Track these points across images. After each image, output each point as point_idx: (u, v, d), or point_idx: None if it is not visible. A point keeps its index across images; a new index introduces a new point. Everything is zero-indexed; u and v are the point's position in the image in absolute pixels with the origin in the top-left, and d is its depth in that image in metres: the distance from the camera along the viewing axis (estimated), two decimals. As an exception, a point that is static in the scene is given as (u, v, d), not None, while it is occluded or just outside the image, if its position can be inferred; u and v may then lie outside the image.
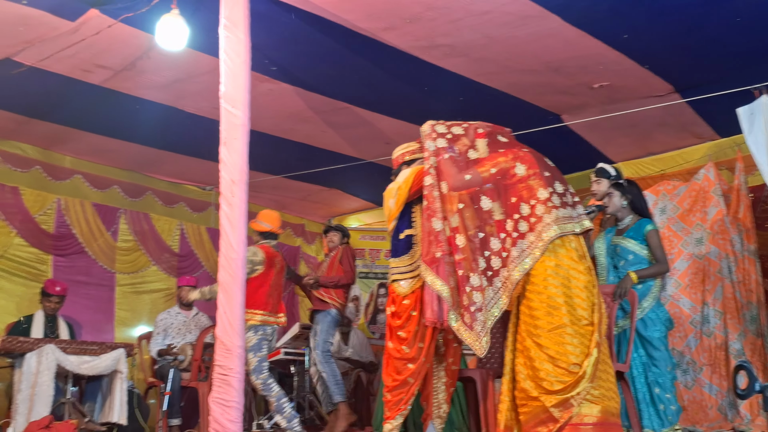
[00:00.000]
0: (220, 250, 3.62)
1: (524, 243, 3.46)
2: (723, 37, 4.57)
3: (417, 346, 3.82)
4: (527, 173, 3.56)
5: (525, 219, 3.49)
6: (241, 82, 3.73)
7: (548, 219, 3.45)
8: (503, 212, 3.56)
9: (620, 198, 4.42)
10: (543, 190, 3.51)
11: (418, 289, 3.88)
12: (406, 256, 3.91)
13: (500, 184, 3.59)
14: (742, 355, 5.34)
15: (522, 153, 3.67)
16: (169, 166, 6.98)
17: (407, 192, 3.88)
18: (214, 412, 3.45)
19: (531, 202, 3.50)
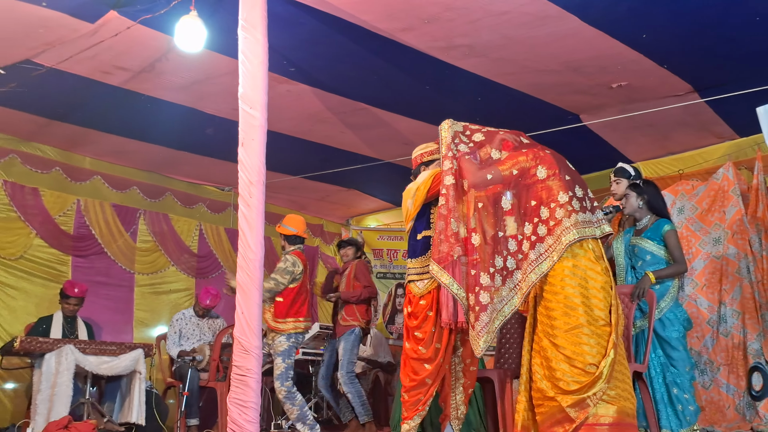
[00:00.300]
0: (239, 251, 3.64)
1: (542, 246, 3.43)
2: (741, 36, 4.52)
3: (434, 346, 3.81)
4: (547, 174, 3.53)
5: (544, 222, 3.46)
6: (259, 83, 3.74)
7: (567, 223, 3.41)
8: (522, 214, 3.54)
9: (636, 198, 4.39)
10: (563, 194, 3.47)
11: (434, 289, 3.87)
12: (423, 257, 3.89)
13: (520, 184, 3.56)
14: (760, 355, 5.28)
15: (543, 154, 3.64)
16: (188, 167, 7.03)
17: (425, 193, 3.87)
18: (232, 412, 3.46)
19: (551, 205, 3.47)
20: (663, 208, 4.44)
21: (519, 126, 5.96)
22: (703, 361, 5.54)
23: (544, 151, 3.69)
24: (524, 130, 6.00)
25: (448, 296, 3.80)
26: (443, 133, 3.82)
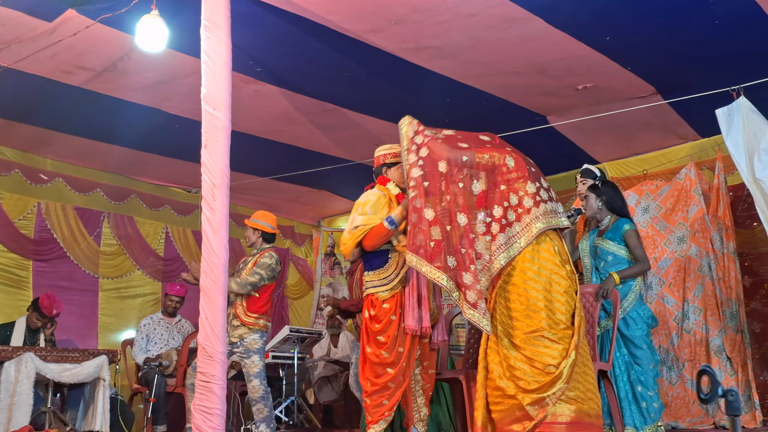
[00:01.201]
0: (202, 255, 3.57)
1: (511, 231, 3.46)
2: (702, 39, 4.60)
3: (396, 350, 3.80)
4: (515, 165, 3.58)
5: (513, 209, 3.50)
6: (222, 83, 3.67)
7: (536, 212, 3.47)
8: (491, 197, 3.55)
9: (595, 200, 4.45)
10: (531, 184, 3.54)
11: (398, 293, 3.87)
12: (381, 269, 3.92)
13: (490, 170, 3.58)
14: (722, 351, 5.40)
15: (508, 150, 3.69)
16: (153, 169, 6.92)
17: (354, 243, 3.93)
18: (197, 419, 3.40)
19: (519, 193, 3.51)
20: (623, 207, 4.49)
21: (488, 127, 6.01)
22: (671, 358, 5.64)
23: (507, 148, 3.74)
24: (493, 132, 6.05)
25: (413, 301, 3.81)
26: (403, 129, 3.83)
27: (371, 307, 3.91)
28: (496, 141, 3.86)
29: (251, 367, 4.79)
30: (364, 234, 3.90)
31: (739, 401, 1.41)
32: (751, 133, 4.47)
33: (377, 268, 3.96)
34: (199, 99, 3.74)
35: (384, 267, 3.95)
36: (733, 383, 5.33)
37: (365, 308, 3.95)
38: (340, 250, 4.12)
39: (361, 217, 3.96)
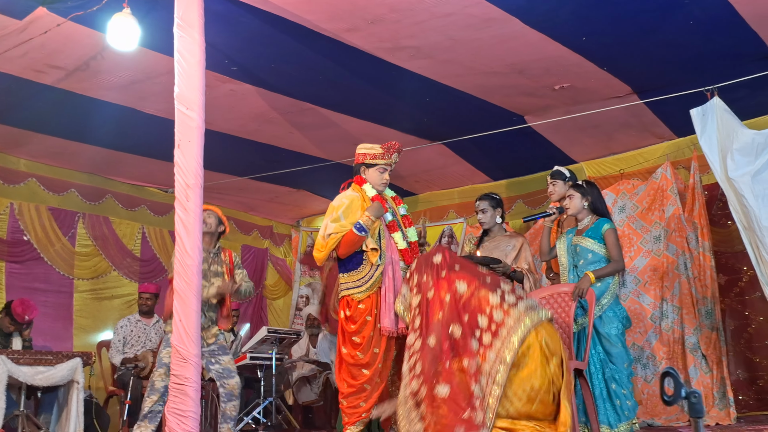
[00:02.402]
0: (176, 257, 3.53)
1: (492, 353, 3.27)
2: (677, 40, 4.64)
3: (372, 351, 3.80)
4: (470, 287, 3.42)
5: (486, 330, 3.30)
6: (195, 83, 3.64)
7: (510, 321, 3.30)
8: (463, 334, 3.34)
9: (581, 199, 4.45)
10: (492, 295, 3.38)
11: (373, 294, 3.87)
12: (355, 271, 3.91)
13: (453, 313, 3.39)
14: (698, 349, 5.45)
15: (454, 274, 3.50)
16: (129, 169, 6.84)
17: (328, 252, 3.93)
18: (170, 422, 3.37)
19: (486, 311, 3.34)
20: (605, 209, 4.52)
21: (465, 127, 6.07)
22: (646, 356, 5.69)
23: (453, 271, 3.52)
24: (471, 132, 6.14)
25: (389, 304, 3.80)
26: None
27: (347, 307, 3.91)
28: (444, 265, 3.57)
29: (230, 363, 4.70)
30: (337, 243, 3.90)
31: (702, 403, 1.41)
32: (725, 133, 4.51)
33: (351, 270, 3.96)
34: (174, 98, 3.70)
35: (358, 269, 3.95)
36: (709, 380, 5.39)
37: (341, 309, 3.95)
38: (315, 257, 4.07)
39: (334, 224, 3.95)
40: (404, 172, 7.21)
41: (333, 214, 3.98)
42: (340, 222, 3.94)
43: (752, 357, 5.94)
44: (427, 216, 7.85)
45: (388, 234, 4.04)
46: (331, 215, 4.00)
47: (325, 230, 3.96)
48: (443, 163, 7.03)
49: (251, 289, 4.90)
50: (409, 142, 6.23)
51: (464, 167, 7.14)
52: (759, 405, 5.76)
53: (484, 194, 4.92)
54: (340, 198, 4.07)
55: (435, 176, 7.44)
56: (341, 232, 3.90)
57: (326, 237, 3.93)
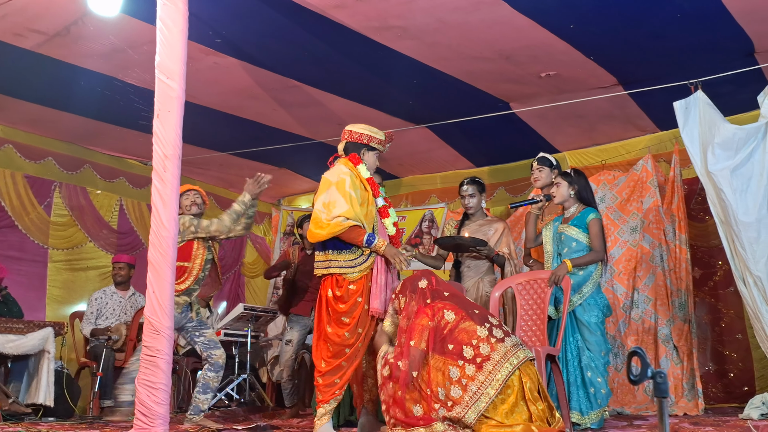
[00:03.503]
0: (151, 228, 3.49)
1: (473, 385, 3.32)
2: (664, 32, 4.64)
3: (357, 331, 3.78)
4: (457, 317, 3.48)
5: (470, 362, 3.36)
6: (177, 52, 3.58)
7: (497, 356, 3.36)
8: (444, 363, 3.41)
9: (568, 188, 4.44)
10: (481, 328, 3.42)
11: (364, 276, 3.82)
12: (349, 251, 3.82)
13: (437, 341, 3.45)
14: (669, 339, 5.54)
15: (442, 304, 3.56)
16: (109, 139, 6.73)
17: (329, 236, 3.77)
18: (141, 394, 3.34)
19: (473, 342, 3.40)
20: (592, 198, 4.53)
21: (451, 111, 6.05)
22: (617, 345, 5.77)
23: (441, 301, 3.60)
24: (456, 116, 6.11)
25: (380, 286, 3.78)
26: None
27: (336, 287, 3.80)
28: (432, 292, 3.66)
29: (213, 335, 4.76)
30: (343, 231, 3.73)
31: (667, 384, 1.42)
32: (707, 126, 4.54)
33: (344, 249, 3.82)
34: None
35: (352, 249, 3.82)
36: (679, 371, 5.46)
37: (328, 287, 3.83)
38: (311, 233, 3.81)
39: (345, 205, 3.74)
40: (388, 155, 7.08)
41: (340, 189, 3.78)
42: (352, 197, 3.76)
43: (723, 350, 6.04)
44: (409, 200, 7.84)
45: (380, 219, 4.01)
46: (339, 190, 3.78)
47: (330, 209, 3.75)
48: (427, 147, 7.01)
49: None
50: (394, 124, 6.21)
51: (448, 152, 7.13)
52: (727, 397, 5.87)
53: (470, 178, 4.96)
54: (336, 173, 3.88)
55: (418, 160, 7.42)
56: (351, 222, 3.73)
57: (332, 219, 3.72)
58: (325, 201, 3.80)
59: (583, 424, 4.15)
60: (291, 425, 4.65)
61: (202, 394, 4.61)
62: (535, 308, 4.31)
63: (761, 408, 4.45)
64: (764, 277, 4.38)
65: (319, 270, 3.88)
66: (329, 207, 3.76)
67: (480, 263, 4.82)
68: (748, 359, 5.85)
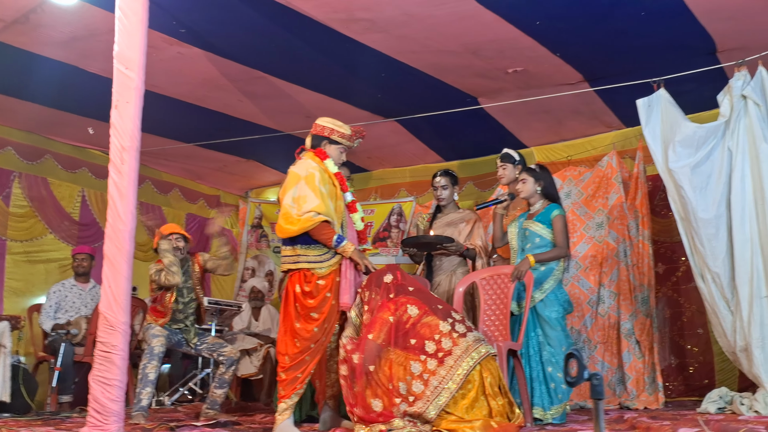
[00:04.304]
0: (108, 221, 3.42)
1: (435, 380, 3.34)
2: (629, 29, 4.68)
3: (324, 326, 3.75)
4: (420, 312, 3.48)
5: (432, 356, 3.38)
6: (137, 42, 3.50)
7: (458, 351, 3.37)
8: (406, 358, 3.42)
9: (534, 184, 4.46)
10: (443, 323, 3.43)
11: (333, 271, 3.78)
12: (316, 245, 3.78)
13: (399, 336, 3.46)
14: (632, 334, 5.60)
15: (405, 299, 3.56)
16: (71, 129, 6.59)
17: (299, 232, 3.74)
18: (94, 390, 3.27)
19: (435, 337, 3.40)
20: (556, 194, 4.56)
21: (419, 106, 6.03)
22: (582, 340, 5.82)
23: (405, 296, 3.60)
24: (425, 110, 6.10)
25: (349, 281, 3.76)
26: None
27: (305, 282, 3.75)
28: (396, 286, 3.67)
29: (216, 339, 5.19)
30: (314, 226, 3.69)
31: (603, 385, 1.43)
32: (668, 124, 4.58)
33: (312, 244, 3.77)
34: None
35: (321, 244, 3.78)
36: (641, 365, 5.53)
37: (296, 282, 3.77)
38: (280, 228, 3.76)
39: (316, 200, 3.68)
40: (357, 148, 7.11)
41: (309, 184, 3.72)
42: (321, 193, 3.72)
43: (684, 344, 6.13)
44: (378, 193, 7.82)
45: (348, 214, 3.98)
46: (308, 184, 3.72)
47: (301, 204, 3.69)
48: (396, 141, 7.00)
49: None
50: (362, 117, 6.18)
51: (417, 146, 7.12)
52: (687, 390, 5.97)
53: (443, 170, 4.97)
54: (305, 167, 3.82)
55: (387, 153, 7.40)
56: (322, 217, 3.69)
57: (302, 215, 3.67)
58: (294, 195, 3.74)
59: (545, 419, 4.19)
60: (253, 421, 4.61)
61: (219, 388, 4.91)
62: (498, 303, 4.33)
63: (718, 402, 4.53)
64: (722, 273, 4.45)
65: (287, 265, 3.84)
66: (299, 202, 3.71)
67: (451, 258, 4.82)
68: (709, 353, 5.95)
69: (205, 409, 4.85)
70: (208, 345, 5.03)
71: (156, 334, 4.76)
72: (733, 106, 4.48)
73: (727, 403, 4.48)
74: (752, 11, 4.45)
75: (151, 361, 4.62)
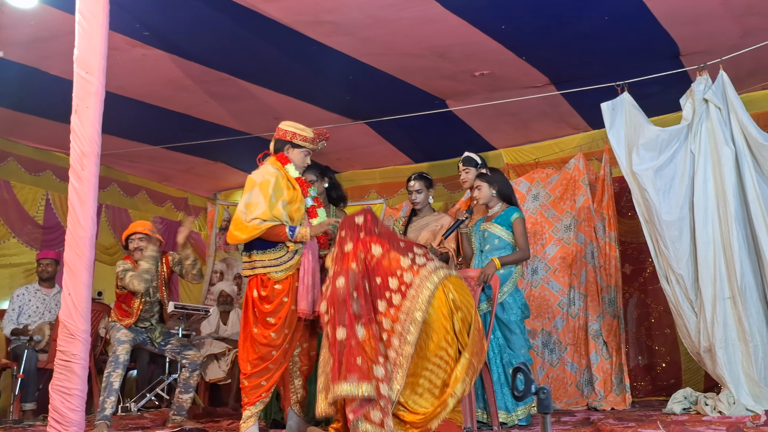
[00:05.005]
0: (68, 228, 3.35)
1: (402, 314, 3.37)
2: (592, 33, 4.73)
3: (284, 332, 3.73)
4: (383, 250, 3.50)
5: (396, 291, 3.41)
6: (97, 45, 3.44)
7: (418, 280, 3.42)
8: (373, 297, 3.43)
9: (489, 188, 4.52)
10: (404, 258, 3.48)
11: (291, 275, 3.78)
12: (272, 249, 3.78)
13: (365, 273, 3.47)
14: (599, 335, 5.66)
15: (371, 238, 3.57)
16: (34, 131, 6.47)
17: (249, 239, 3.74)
18: (54, 400, 3.22)
19: (397, 273, 3.44)
20: (512, 195, 4.61)
21: (388, 108, 6.03)
22: (553, 341, 5.86)
23: (371, 236, 3.60)
24: (393, 113, 6.09)
25: (307, 286, 3.74)
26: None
27: (262, 287, 3.76)
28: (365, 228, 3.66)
29: (182, 340, 5.13)
30: (261, 233, 3.71)
31: (550, 399, 1.43)
32: (632, 128, 4.64)
33: (268, 248, 3.79)
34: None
35: (275, 248, 3.80)
36: (608, 366, 5.59)
37: (253, 288, 3.79)
38: (230, 235, 3.80)
39: (264, 206, 3.70)
40: (326, 150, 7.05)
41: (261, 190, 3.74)
42: (271, 201, 3.72)
43: (652, 345, 6.21)
44: (348, 195, 7.77)
45: (308, 218, 3.97)
46: (261, 192, 3.73)
47: (250, 211, 3.71)
48: (366, 143, 6.99)
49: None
50: (331, 119, 6.16)
51: (386, 148, 7.12)
52: (655, 390, 6.04)
53: (417, 174, 4.96)
54: (262, 174, 3.83)
55: (357, 155, 7.39)
56: (271, 223, 3.71)
57: (250, 221, 3.68)
58: (247, 201, 3.77)
59: (510, 421, 4.21)
60: (220, 427, 4.56)
61: (184, 393, 4.87)
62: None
63: (683, 402, 4.59)
64: (686, 275, 4.51)
65: (246, 271, 3.86)
66: (250, 208, 3.74)
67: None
68: (676, 353, 6.03)
69: (172, 416, 4.80)
70: (173, 346, 4.99)
71: (121, 340, 4.68)
72: (695, 110, 4.55)
73: (692, 404, 4.55)
74: (712, 15, 4.53)
75: (116, 369, 4.55)
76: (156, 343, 4.96)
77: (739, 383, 4.27)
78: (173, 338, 5.06)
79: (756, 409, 4.13)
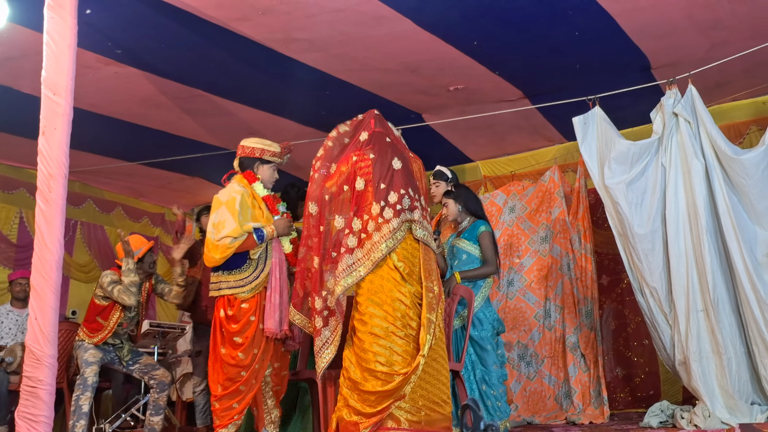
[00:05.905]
0: (35, 251, 3.32)
1: (351, 258, 3.40)
2: (564, 48, 4.77)
3: (252, 352, 3.70)
4: (364, 186, 3.50)
5: (356, 234, 3.43)
6: (65, 67, 3.41)
7: (377, 236, 3.40)
8: (344, 223, 3.49)
9: (455, 204, 4.56)
10: (375, 205, 3.46)
11: (258, 294, 3.77)
12: (238, 270, 3.78)
13: (340, 197, 3.55)
14: (577, 348, 5.66)
15: (365, 160, 3.56)
16: (6, 149, 6.39)
17: (222, 258, 3.76)
18: (21, 428, 3.16)
19: (364, 217, 3.45)
20: (479, 209, 4.63)
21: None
22: (530, 354, 5.85)
23: (368, 155, 3.60)
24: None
25: (274, 304, 3.72)
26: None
27: (228, 306, 3.76)
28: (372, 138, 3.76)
29: (149, 360, 5.04)
30: (232, 253, 3.73)
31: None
32: (604, 142, 4.67)
33: (234, 269, 3.80)
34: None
35: (242, 268, 3.82)
36: (586, 379, 5.59)
37: (220, 308, 3.79)
38: (206, 258, 3.81)
39: (233, 224, 3.70)
40: (304, 163, 7.07)
41: (229, 209, 3.74)
42: (239, 220, 3.73)
43: (630, 356, 6.22)
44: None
45: None
46: (228, 210, 3.74)
47: (219, 230, 3.71)
48: (342, 157, 6.96)
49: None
50: (307, 133, 6.15)
51: (364, 161, 7.10)
52: (634, 401, 6.06)
53: None
54: (228, 192, 3.85)
55: (334, 169, 7.36)
56: (241, 239, 3.73)
57: (220, 240, 3.69)
58: (215, 221, 3.78)
59: (486, 437, 4.19)
60: (194, 448, 4.51)
61: (155, 415, 4.81)
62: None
63: (660, 416, 4.60)
64: (660, 288, 4.54)
65: (213, 292, 3.84)
66: (218, 228, 3.74)
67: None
68: (654, 364, 6.05)
69: None
70: (141, 366, 4.91)
71: (89, 361, 4.61)
72: (665, 123, 4.60)
73: (669, 417, 4.56)
74: (680, 28, 4.58)
75: (85, 392, 4.47)
76: (124, 362, 4.88)
77: (714, 396, 4.29)
78: (141, 357, 4.98)
79: (731, 422, 4.14)
